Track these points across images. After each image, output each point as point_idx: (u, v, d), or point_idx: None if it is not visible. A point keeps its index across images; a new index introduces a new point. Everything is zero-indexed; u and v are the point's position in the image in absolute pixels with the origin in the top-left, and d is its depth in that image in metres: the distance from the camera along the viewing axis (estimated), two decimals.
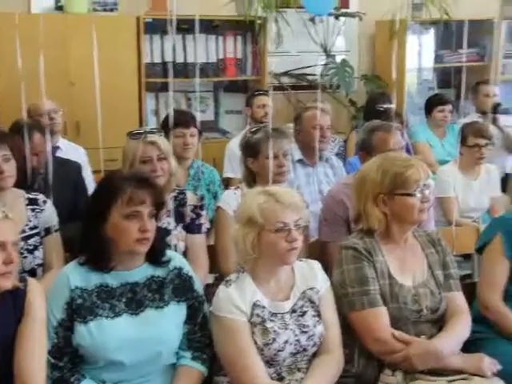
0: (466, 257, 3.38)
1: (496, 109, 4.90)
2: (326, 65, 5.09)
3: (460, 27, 4.88)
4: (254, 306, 2.05)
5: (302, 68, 5.08)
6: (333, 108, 4.84)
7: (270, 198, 2.06)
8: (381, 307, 2.17)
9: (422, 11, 5.25)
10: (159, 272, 2.10)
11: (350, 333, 2.22)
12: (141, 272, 2.07)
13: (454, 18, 5.06)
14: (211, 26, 4.84)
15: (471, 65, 5.59)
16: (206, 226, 2.77)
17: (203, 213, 2.76)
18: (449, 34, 5.39)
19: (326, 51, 5.14)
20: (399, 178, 2.20)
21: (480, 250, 2.52)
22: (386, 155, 2.34)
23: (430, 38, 5.67)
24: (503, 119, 4.90)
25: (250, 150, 2.86)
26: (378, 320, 2.16)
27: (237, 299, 2.04)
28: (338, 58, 5.22)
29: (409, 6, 5.17)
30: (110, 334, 1.97)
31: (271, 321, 2.06)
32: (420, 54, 5.75)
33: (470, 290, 2.50)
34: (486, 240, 2.48)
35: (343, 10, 5.10)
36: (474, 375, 2.15)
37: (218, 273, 2.81)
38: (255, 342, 2.03)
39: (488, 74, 5.55)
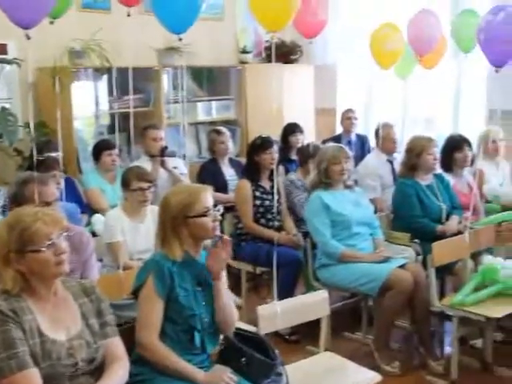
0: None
1: (163, 152, 5.15)
2: None
3: (126, 75, 5.06)
4: None
5: None
6: None
7: None
8: (31, 369, 2.08)
9: (83, 59, 5.32)
10: None
11: None
12: None
13: (119, 65, 5.22)
14: None
15: (139, 110, 5.83)
16: None
17: None
18: (118, 80, 5.52)
19: None
20: (26, 233, 2.14)
21: (136, 292, 2.59)
22: (16, 211, 2.26)
23: (104, 84, 5.77)
24: (171, 161, 5.17)
25: None
26: (30, 383, 2.07)
27: None
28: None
29: (69, 53, 5.26)
30: None
31: None
32: (97, 100, 5.81)
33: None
34: (140, 282, 2.56)
35: None
36: None
37: None
38: None
39: (154, 118, 5.84)
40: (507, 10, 3.85)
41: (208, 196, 2.63)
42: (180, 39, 3.14)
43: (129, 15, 3.00)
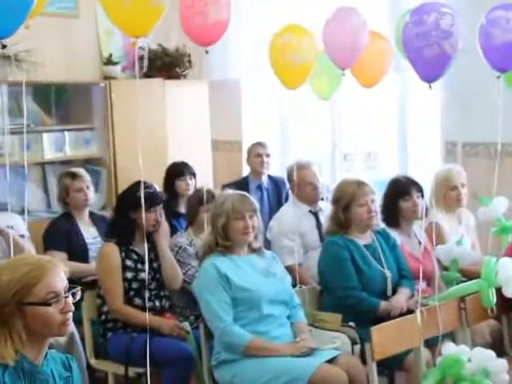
0: None
1: None
2: None
3: None
4: None
5: None
6: None
7: None
8: None
9: None
10: None
11: None
12: None
13: None
14: None
15: None
16: None
17: None
18: None
19: None
20: None
21: None
22: None
23: None
24: (2, 218, 5.02)
25: None
26: None
27: None
28: None
29: None
30: None
31: None
32: None
33: None
34: None
35: None
36: None
37: None
38: None
39: None
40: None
41: (58, 274, 2.56)
42: (4, 46, 3.07)
43: None
